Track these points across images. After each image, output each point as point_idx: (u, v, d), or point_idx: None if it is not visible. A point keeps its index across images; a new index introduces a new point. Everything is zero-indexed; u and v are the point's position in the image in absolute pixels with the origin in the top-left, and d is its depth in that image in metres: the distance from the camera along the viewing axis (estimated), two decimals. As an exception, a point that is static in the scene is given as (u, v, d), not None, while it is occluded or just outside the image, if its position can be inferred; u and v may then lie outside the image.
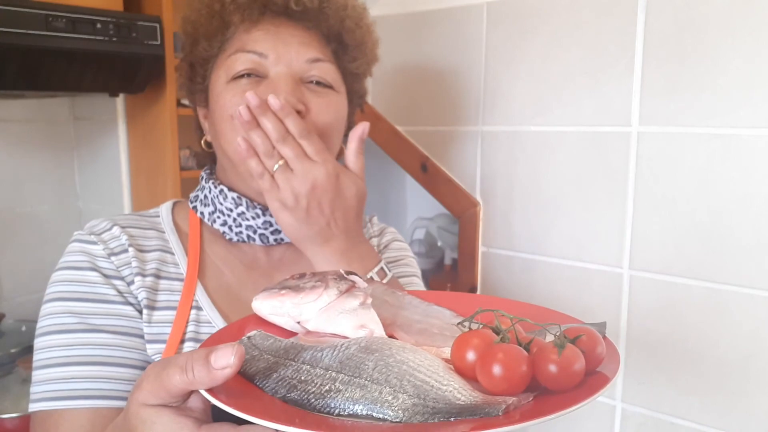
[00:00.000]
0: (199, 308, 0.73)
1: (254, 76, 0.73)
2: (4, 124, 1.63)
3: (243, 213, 0.76)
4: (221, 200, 0.77)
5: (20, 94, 1.56)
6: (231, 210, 0.76)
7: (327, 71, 0.76)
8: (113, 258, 0.72)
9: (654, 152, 0.97)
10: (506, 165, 1.13)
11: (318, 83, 0.75)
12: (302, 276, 0.63)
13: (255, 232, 0.77)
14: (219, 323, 0.72)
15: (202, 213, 0.79)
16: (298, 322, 0.59)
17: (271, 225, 0.77)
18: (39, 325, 0.70)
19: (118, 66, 1.37)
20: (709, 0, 0.90)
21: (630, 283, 1.01)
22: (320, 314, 0.57)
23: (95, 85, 1.41)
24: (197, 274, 0.74)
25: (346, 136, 0.86)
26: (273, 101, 0.66)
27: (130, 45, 1.34)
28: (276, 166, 0.68)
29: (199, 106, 0.81)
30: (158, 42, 1.39)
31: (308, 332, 0.58)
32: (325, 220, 0.70)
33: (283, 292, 0.59)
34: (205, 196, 0.79)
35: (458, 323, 0.53)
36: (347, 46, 0.80)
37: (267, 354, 0.50)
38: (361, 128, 0.74)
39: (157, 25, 1.38)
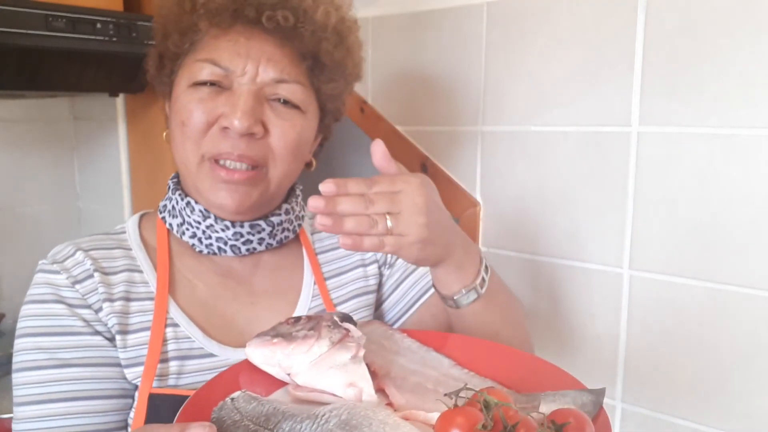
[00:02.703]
0: (175, 325, 0.70)
1: (217, 86, 0.70)
2: (4, 124, 1.63)
3: (212, 225, 0.73)
4: (188, 212, 0.74)
5: (20, 94, 1.56)
6: (199, 222, 0.73)
7: (294, 92, 0.72)
8: (78, 286, 0.69)
9: (654, 152, 0.97)
10: (506, 165, 1.13)
11: (284, 102, 0.72)
12: (297, 321, 0.61)
13: (226, 243, 0.74)
14: (198, 337, 0.70)
15: (170, 224, 0.76)
16: (289, 374, 0.58)
17: (242, 236, 0.74)
18: (14, 360, 0.68)
19: (118, 66, 1.37)
20: (709, 0, 0.90)
21: (630, 283, 1.01)
22: (311, 368, 0.56)
23: (95, 85, 1.41)
24: (168, 290, 0.72)
25: (315, 154, 0.83)
26: (325, 188, 0.59)
27: (130, 45, 1.34)
28: (389, 224, 0.61)
29: (166, 99, 0.78)
30: (158, 42, 1.39)
31: (297, 386, 0.57)
32: (442, 231, 0.65)
33: (275, 341, 0.58)
34: (173, 207, 0.76)
35: (445, 395, 0.52)
36: (324, 66, 0.76)
37: (248, 420, 0.49)
38: (381, 148, 0.67)
39: (157, 25, 1.38)
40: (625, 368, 1.03)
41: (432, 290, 0.88)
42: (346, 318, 0.62)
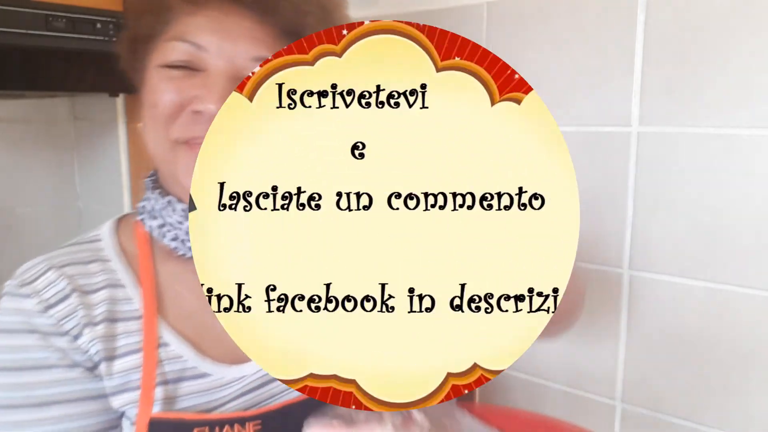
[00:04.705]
0: (165, 344, 0.64)
1: (189, 69, 0.64)
2: (4, 124, 1.63)
3: None
4: (169, 212, 0.68)
5: (20, 94, 1.56)
6: (181, 223, 0.67)
7: None
8: (51, 311, 0.61)
9: (654, 152, 0.97)
10: (506, 165, 1.13)
11: None
12: None
13: None
14: (189, 356, 0.65)
15: (150, 227, 0.69)
16: None
17: None
18: None
19: (118, 66, 1.37)
20: (709, 0, 0.90)
21: (630, 283, 1.01)
22: None
23: (95, 85, 1.41)
24: (155, 307, 0.65)
25: None
26: None
27: (130, 45, 1.34)
28: None
29: (141, 87, 0.71)
30: (158, 42, 1.38)
31: None
32: None
33: (334, 422, 0.54)
34: (152, 208, 0.69)
35: None
36: None
37: None
38: None
39: (157, 25, 1.38)
40: (625, 368, 1.03)
41: None
42: None
